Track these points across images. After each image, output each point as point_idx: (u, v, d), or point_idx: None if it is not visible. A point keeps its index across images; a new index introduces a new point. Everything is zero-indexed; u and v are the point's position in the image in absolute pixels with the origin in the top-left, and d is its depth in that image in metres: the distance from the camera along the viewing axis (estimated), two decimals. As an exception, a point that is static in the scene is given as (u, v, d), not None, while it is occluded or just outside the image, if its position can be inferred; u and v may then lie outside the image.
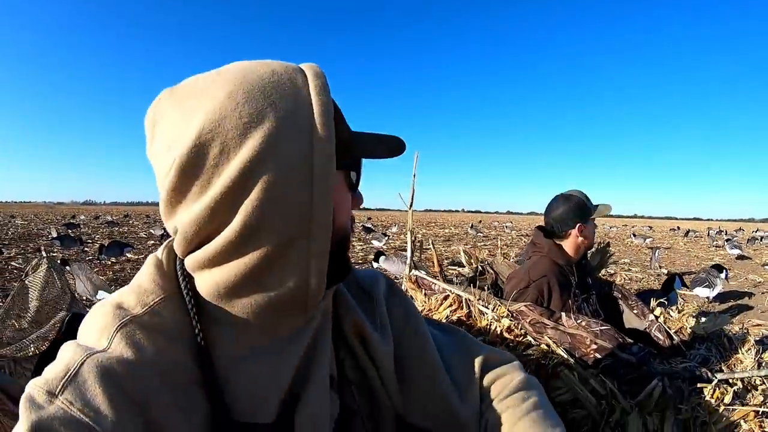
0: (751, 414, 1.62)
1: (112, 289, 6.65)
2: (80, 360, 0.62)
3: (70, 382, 0.60)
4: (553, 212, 2.56)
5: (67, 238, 14.18)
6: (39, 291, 1.91)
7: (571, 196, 2.54)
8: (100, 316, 0.69)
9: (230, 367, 0.71)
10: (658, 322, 2.35)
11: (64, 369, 0.62)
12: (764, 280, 11.28)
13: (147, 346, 0.66)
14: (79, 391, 0.59)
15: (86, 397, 0.59)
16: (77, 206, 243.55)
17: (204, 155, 0.62)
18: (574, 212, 2.50)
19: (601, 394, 1.70)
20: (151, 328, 0.68)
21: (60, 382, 0.60)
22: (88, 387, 0.60)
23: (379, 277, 1.03)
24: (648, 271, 12.23)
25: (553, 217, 2.54)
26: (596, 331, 1.96)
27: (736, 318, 7.17)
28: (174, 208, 0.67)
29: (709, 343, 2.21)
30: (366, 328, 0.90)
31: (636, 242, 22.56)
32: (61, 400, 0.59)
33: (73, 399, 0.59)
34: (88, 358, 0.62)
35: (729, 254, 17.17)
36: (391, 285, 1.04)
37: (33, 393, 0.60)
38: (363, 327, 0.90)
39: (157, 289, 0.72)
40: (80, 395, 0.59)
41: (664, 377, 1.73)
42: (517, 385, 0.95)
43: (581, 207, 2.52)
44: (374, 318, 0.94)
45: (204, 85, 0.66)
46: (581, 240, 2.53)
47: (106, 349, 0.64)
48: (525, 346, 2.00)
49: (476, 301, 2.26)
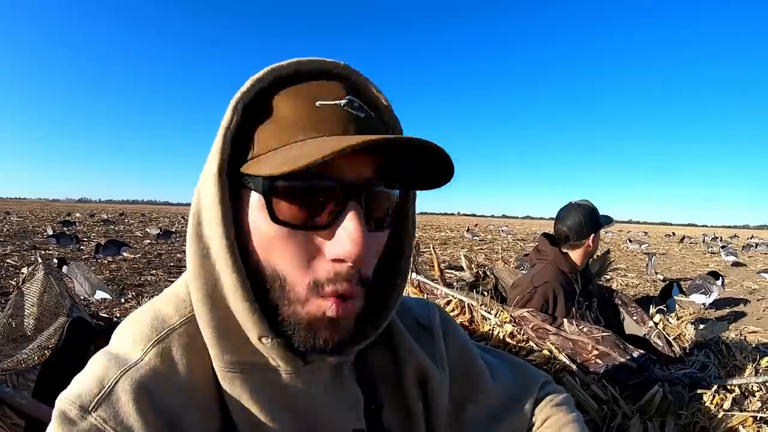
0: (749, 419, 1.65)
1: (110, 288, 6.64)
2: (115, 377, 0.61)
3: (105, 399, 0.59)
4: (567, 220, 2.57)
5: (64, 236, 14.14)
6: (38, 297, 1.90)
7: (585, 206, 2.57)
8: (137, 325, 0.68)
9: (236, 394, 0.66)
10: (657, 329, 2.38)
11: (98, 384, 0.61)
12: (759, 287, 11.33)
13: (180, 362, 0.65)
14: (113, 409, 0.59)
15: (120, 416, 0.59)
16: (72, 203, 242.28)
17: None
18: (589, 223, 2.53)
19: (603, 399, 1.73)
20: (186, 341, 0.67)
21: (94, 399, 0.59)
22: (122, 405, 0.59)
23: (433, 308, 1.00)
24: (644, 277, 12.28)
25: (569, 225, 2.56)
26: (598, 338, 1.99)
27: (732, 325, 7.22)
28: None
29: (708, 350, 2.23)
30: (428, 370, 0.85)
31: (632, 248, 22.61)
32: (95, 417, 0.58)
33: (107, 417, 0.58)
34: (124, 375, 0.61)
35: (724, 261, 17.24)
36: (445, 316, 1.01)
37: (65, 408, 0.59)
38: (425, 370, 0.85)
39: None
40: (114, 413, 0.59)
41: (665, 383, 1.76)
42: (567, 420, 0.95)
43: (595, 217, 2.55)
44: (434, 354, 0.89)
45: None
46: (591, 249, 2.56)
47: (140, 362, 0.63)
48: (527, 351, 2.02)
49: (479, 307, 2.28)
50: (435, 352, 0.90)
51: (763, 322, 7.71)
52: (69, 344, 1.59)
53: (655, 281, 11.64)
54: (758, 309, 8.77)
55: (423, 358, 0.86)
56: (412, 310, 0.95)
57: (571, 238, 2.55)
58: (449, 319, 1.01)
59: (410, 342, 0.86)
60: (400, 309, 0.92)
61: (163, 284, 8.39)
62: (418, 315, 0.95)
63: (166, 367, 0.64)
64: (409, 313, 0.94)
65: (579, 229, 2.53)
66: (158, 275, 9.50)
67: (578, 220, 2.52)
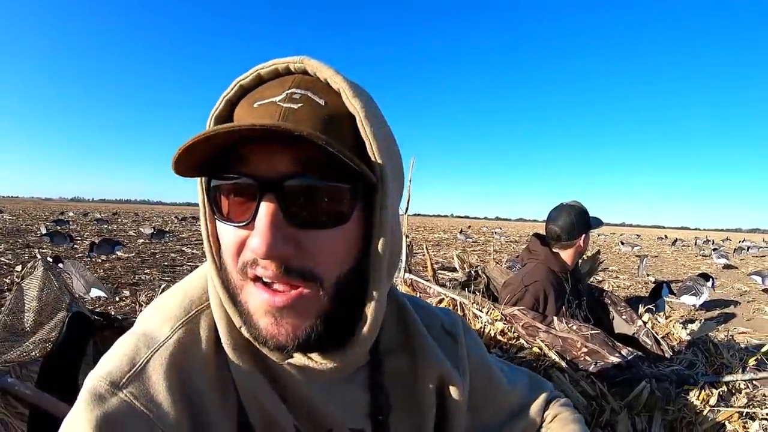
0: (735, 415, 1.68)
1: (105, 287, 6.63)
2: (147, 356, 0.64)
3: (136, 376, 0.62)
4: (559, 221, 2.61)
5: (57, 234, 14.07)
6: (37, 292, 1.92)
7: (576, 207, 2.61)
8: (166, 306, 0.71)
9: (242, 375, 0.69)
10: (646, 328, 2.41)
11: (129, 362, 0.63)
12: (750, 289, 11.39)
13: (206, 342, 0.68)
14: (144, 386, 0.61)
15: (150, 393, 0.61)
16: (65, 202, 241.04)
17: None
18: (580, 223, 2.57)
19: (592, 395, 1.76)
20: (211, 324, 0.69)
21: (125, 376, 0.61)
22: (153, 383, 0.62)
23: (456, 316, 1.02)
24: (636, 279, 12.32)
25: (560, 225, 2.59)
26: (587, 335, 2.02)
27: (722, 326, 7.26)
28: None
29: (696, 349, 2.27)
30: (452, 380, 0.88)
31: (624, 250, 22.67)
32: (126, 393, 0.60)
33: (138, 393, 0.60)
34: (156, 354, 0.64)
35: (716, 263, 17.30)
36: (466, 325, 1.03)
37: (96, 384, 0.61)
38: (450, 380, 0.87)
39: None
40: (145, 391, 0.61)
41: (652, 380, 1.79)
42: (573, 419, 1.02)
43: (586, 218, 2.59)
44: (456, 362, 0.92)
45: None
46: (582, 249, 2.59)
47: (169, 341, 0.66)
48: (518, 348, 2.05)
49: (470, 305, 2.31)
50: (458, 360, 0.93)
51: (752, 323, 7.76)
52: (69, 338, 1.62)
53: (646, 283, 11.68)
54: (748, 311, 8.82)
55: (446, 367, 0.87)
56: (438, 316, 0.97)
57: (562, 238, 2.58)
58: (470, 328, 1.04)
59: (433, 351, 0.87)
60: (427, 314, 0.95)
61: (158, 283, 8.37)
62: (444, 321, 0.97)
63: (194, 346, 0.67)
64: (434, 317, 0.96)
65: (570, 229, 2.56)
66: (152, 274, 9.48)
67: (569, 220, 2.56)
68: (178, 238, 18.43)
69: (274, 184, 0.59)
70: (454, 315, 1.02)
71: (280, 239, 0.58)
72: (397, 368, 0.84)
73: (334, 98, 0.65)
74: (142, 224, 26.58)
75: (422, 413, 0.86)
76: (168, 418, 0.61)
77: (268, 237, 0.58)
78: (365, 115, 0.64)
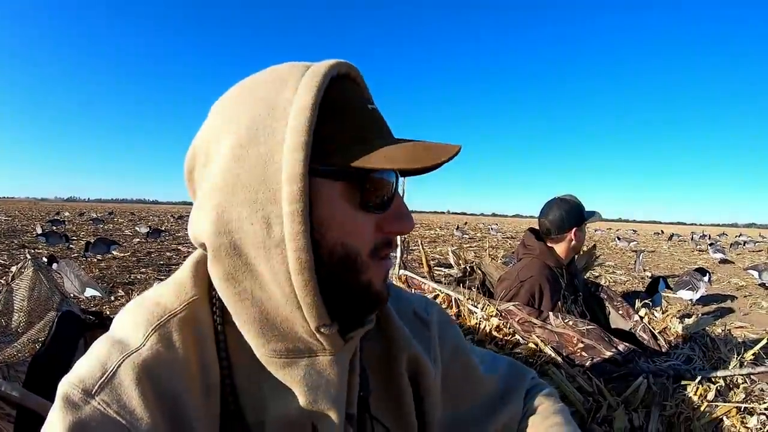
0: (733, 410, 1.66)
1: (100, 286, 6.61)
2: (117, 361, 0.63)
3: (108, 383, 0.61)
4: (550, 214, 2.61)
5: (53, 234, 14.05)
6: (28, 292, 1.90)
7: (568, 201, 2.60)
8: (138, 310, 0.70)
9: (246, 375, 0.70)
10: (642, 323, 2.40)
11: (100, 369, 0.62)
12: (746, 283, 11.44)
13: (180, 346, 0.66)
14: (116, 392, 0.61)
15: (122, 400, 0.60)
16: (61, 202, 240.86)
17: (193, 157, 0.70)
18: (570, 216, 2.56)
19: (588, 391, 1.75)
20: (185, 326, 0.68)
21: (97, 382, 0.61)
22: (124, 389, 0.61)
23: (432, 304, 1.03)
24: (632, 274, 12.36)
25: (550, 219, 2.59)
26: (583, 331, 2.00)
27: (719, 320, 7.28)
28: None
29: (693, 343, 2.25)
30: (421, 361, 0.90)
31: (620, 245, 22.75)
32: (98, 401, 0.60)
33: (110, 400, 0.60)
34: (126, 359, 0.63)
35: (712, 258, 17.38)
36: (443, 313, 1.04)
37: (69, 392, 0.60)
38: (419, 362, 0.89)
39: (194, 287, 0.72)
40: (117, 397, 0.60)
41: (649, 375, 1.78)
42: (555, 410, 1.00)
43: (577, 211, 2.57)
44: (429, 347, 0.94)
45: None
46: (574, 243, 2.58)
47: (142, 347, 0.64)
48: (513, 344, 2.04)
49: (466, 301, 2.30)
50: (430, 346, 0.94)
51: (749, 317, 7.80)
52: (59, 337, 1.60)
53: (643, 278, 11.72)
54: (745, 305, 8.87)
55: (417, 349, 0.89)
56: (410, 302, 0.99)
57: (552, 231, 2.58)
58: (447, 316, 1.04)
59: (404, 330, 0.90)
60: (398, 299, 0.97)
61: (153, 282, 8.36)
62: (417, 307, 0.98)
63: (167, 351, 0.65)
64: (407, 304, 0.98)
65: (560, 223, 2.56)
66: (148, 273, 9.47)
67: (559, 214, 2.56)
68: (174, 237, 18.44)
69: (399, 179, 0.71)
70: (430, 302, 1.04)
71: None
72: (372, 352, 0.87)
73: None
74: (137, 223, 26.55)
75: (399, 395, 0.87)
76: (142, 424, 0.60)
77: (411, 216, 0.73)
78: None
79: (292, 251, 0.61)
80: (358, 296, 0.70)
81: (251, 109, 0.64)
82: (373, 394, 0.83)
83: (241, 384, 0.70)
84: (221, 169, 0.63)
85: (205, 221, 0.65)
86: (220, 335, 0.70)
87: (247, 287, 0.65)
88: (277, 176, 0.60)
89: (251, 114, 0.63)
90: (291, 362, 0.69)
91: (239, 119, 0.64)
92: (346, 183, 0.65)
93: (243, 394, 0.70)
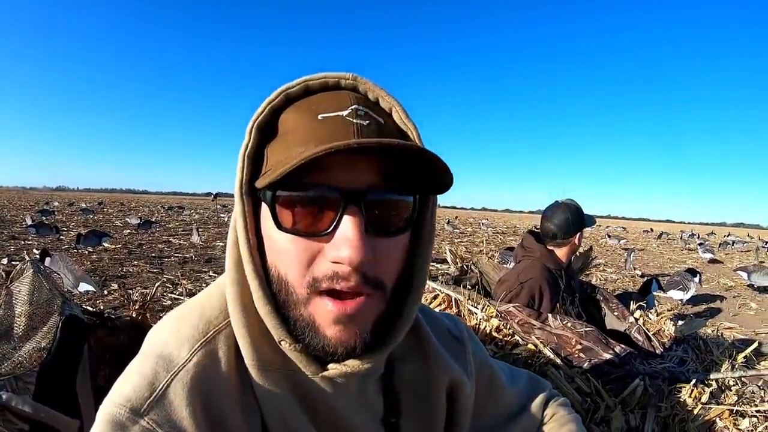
0: (725, 412, 1.71)
1: (93, 279, 6.55)
2: (167, 380, 0.62)
3: (157, 402, 0.61)
4: (555, 219, 2.64)
5: (43, 226, 13.90)
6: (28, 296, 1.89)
7: (572, 205, 2.65)
8: (181, 325, 0.70)
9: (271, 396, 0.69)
10: (637, 324, 2.44)
11: (148, 387, 0.62)
12: (735, 284, 11.54)
13: (226, 364, 0.67)
14: (166, 412, 0.60)
15: (173, 419, 0.60)
16: (50, 192, 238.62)
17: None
18: (576, 221, 2.60)
19: (586, 392, 1.79)
20: (229, 342, 0.69)
21: (146, 402, 0.60)
22: (175, 408, 0.61)
23: (459, 321, 1.04)
24: (623, 273, 12.41)
25: (556, 224, 2.62)
26: (581, 332, 2.04)
27: (709, 321, 7.35)
28: None
29: (686, 345, 2.30)
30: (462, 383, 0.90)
31: (611, 243, 22.80)
32: (147, 421, 0.59)
33: (161, 420, 0.60)
34: (175, 377, 0.63)
35: (701, 258, 17.46)
36: (469, 329, 1.05)
37: (115, 412, 0.60)
38: (458, 382, 0.90)
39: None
40: (167, 417, 0.60)
41: (646, 377, 1.82)
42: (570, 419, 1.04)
43: (581, 216, 2.63)
44: (465, 365, 0.94)
45: None
46: (576, 247, 2.62)
47: (188, 364, 0.64)
48: (513, 345, 2.07)
49: (466, 301, 2.33)
50: (466, 364, 0.95)
51: (738, 318, 7.87)
52: (64, 344, 1.59)
53: (633, 277, 11.79)
54: (734, 306, 8.95)
55: (458, 371, 0.90)
56: (444, 322, 0.99)
57: (558, 236, 2.61)
58: (472, 332, 1.06)
59: (445, 356, 0.90)
60: (431, 320, 0.97)
61: (146, 275, 8.32)
62: (450, 327, 0.99)
63: (214, 368, 0.66)
64: (440, 324, 0.98)
65: (566, 228, 2.59)
66: (140, 266, 9.38)
67: (565, 218, 2.59)
68: (165, 229, 18.30)
69: (358, 196, 0.61)
70: (458, 321, 1.04)
71: (368, 249, 0.60)
72: (408, 374, 0.85)
73: (387, 118, 0.70)
74: (128, 214, 26.29)
75: (433, 417, 0.87)
76: None
77: (361, 246, 0.59)
78: (418, 134, 0.70)
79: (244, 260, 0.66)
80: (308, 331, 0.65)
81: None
82: (404, 417, 0.82)
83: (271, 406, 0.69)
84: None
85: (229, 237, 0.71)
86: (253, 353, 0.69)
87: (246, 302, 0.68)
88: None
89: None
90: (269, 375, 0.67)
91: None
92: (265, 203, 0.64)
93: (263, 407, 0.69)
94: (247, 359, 0.67)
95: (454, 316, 1.07)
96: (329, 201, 0.61)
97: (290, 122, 0.66)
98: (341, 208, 0.60)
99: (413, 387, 0.86)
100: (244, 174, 0.66)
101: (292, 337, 0.65)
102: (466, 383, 0.91)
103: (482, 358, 1.03)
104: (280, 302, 0.66)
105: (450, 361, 0.90)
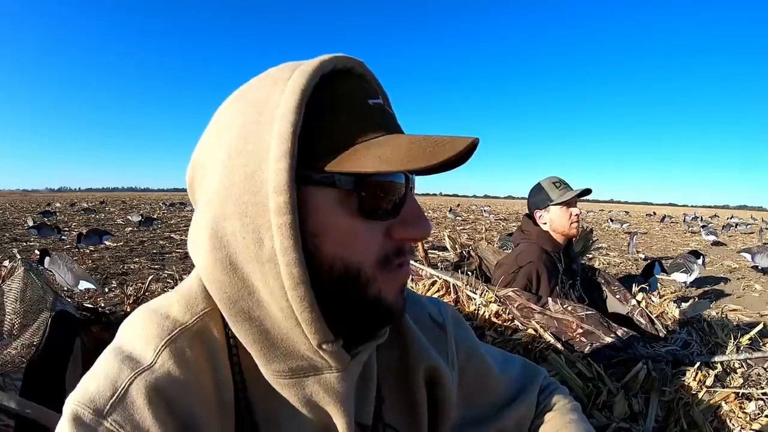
0: (731, 396, 1.67)
1: (93, 278, 6.57)
2: (128, 379, 0.60)
3: (119, 402, 0.59)
4: (530, 193, 2.71)
5: (44, 227, 13.94)
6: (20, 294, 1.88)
7: (540, 182, 2.68)
8: (147, 323, 0.67)
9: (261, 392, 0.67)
10: (640, 307, 2.41)
11: (110, 387, 0.60)
12: (739, 266, 11.52)
13: (194, 363, 0.64)
14: (128, 413, 0.58)
15: (135, 420, 0.58)
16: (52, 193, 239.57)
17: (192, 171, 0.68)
18: (535, 198, 2.66)
19: (588, 376, 1.75)
20: (197, 340, 0.65)
21: (108, 402, 0.58)
22: (137, 409, 0.58)
23: (445, 306, 1.01)
24: (626, 256, 12.41)
25: (530, 197, 2.70)
26: (582, 316, 2.01)
27: (713, 303, 7.33)
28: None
29: (690, 328, 2.26)
30: (439, 371, 0.87)
31: (613, 227, 22.81)
32: (110, 422, 0.57)
33: (123, 421, 0.58)
34: (137, 377, 0.60)
35: (705, 240, 17.46)
36: (456, 313, 1.02)
37: (79, 411, 0.58)
38: (437, 372, 0.87)
39: (205, 299, 0.68)
40: (130, 418, 0.58)
41: (649, 360, 1.78)
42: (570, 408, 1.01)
43: (538, 193, 2.66)
44: (446, 353, 0.91)
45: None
46: (556, 226, 2.58)
47: (153, 365, 0.62)
48: (513, 330, 2.04)
49: (464, 287, 2.30)
50: (447, 351, 0.92)
51: (743, 300, 7.85)
52: (53, 340, 1.58)
53: (636, 260, 11.78)
54: (738, 288, 8.92)
55: (435, 358, 0.87)
56: (425, 306, 0.97)
57: (530, 207, 2.69)
58: (459, 317, 1.03)
59: (422, 341, 0.87)
60: (413, 304, 0.94)
61: (147, 272, 8.32)
62: (432, 311, 0.96)
63: (179, 368, 0.63)
64: (422, 308, 0.95)
65: (528, 205, 2.70)
66: (141, 263, 9.41)
67: (537, 188, 2.68)
68: (167, 225, 18.35)
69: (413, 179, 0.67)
70: (444, 305, 1.01)
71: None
72: (388, 360, 0.84)
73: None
74: (129, 212, 26.37)
75: (415, 404, 0.85)
76: None
77: (427, 221, 0.66)
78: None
79: (284, 266, 0.57)
80: (365, 311, 0.65)
81: (241, 116, 0.61)
82: (387, 403, 0.81)
83: (256, 401, 0.67)
84: (214, 181, 0.61)
85: (202, 237, 0.62)
86: (233, 350, 0.67)
87: (245, 306, 0.61)
88: (265, 187, 0.57)
89: (241, 121, 0.61)
90: (296, 382, 0.65)
91: (230, 127, 0.62)
92: (339, 190, 0.60)
93: (258, 411, 0.67)
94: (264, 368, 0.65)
95: (441, 301, 1.03)
96: (402, 185, 0.64)
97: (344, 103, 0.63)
98: (406, 190, 0.65)
99: (392, 373, 0.84)
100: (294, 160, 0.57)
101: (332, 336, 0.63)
102: (445, 370, 0.87)
103: (471, 344, 0.99)
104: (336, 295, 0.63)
105: (427, 347, 0.87)
